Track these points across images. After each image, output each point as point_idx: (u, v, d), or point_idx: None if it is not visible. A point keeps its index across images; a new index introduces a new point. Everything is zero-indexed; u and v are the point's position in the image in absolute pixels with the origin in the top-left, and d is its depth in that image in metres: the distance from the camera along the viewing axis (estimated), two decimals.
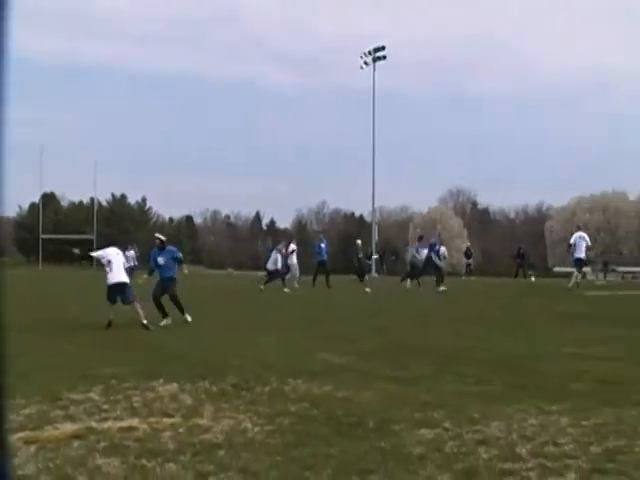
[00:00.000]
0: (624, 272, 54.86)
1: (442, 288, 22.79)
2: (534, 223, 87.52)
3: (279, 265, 25.13)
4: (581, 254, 22.95)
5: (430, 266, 24.71)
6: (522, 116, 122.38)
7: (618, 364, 7.96)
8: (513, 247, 43.43)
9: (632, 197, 79.45)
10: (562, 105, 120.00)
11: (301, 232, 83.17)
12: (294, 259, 27.64)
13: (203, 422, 5.35)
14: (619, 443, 4.64)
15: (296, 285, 26.01)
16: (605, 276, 50.13)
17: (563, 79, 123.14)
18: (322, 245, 27.75)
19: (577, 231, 23.87)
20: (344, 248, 57.15)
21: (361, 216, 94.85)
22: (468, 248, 44.13)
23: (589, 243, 23.77)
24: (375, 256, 43.86)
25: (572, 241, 23.23)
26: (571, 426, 5.10)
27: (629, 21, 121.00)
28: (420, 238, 28.36)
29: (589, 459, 4.31)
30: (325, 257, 27.63)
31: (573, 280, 23.08)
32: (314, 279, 26.88)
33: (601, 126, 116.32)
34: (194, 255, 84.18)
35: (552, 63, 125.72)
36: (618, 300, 20.02)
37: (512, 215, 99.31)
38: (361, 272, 29.07)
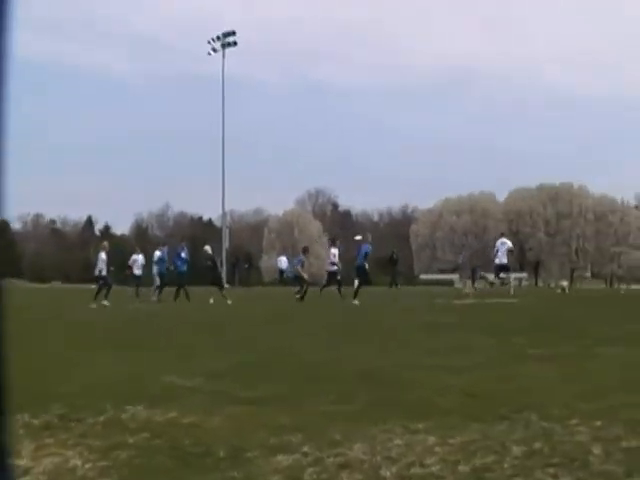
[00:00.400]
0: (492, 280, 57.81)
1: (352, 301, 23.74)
2: (399, 226, 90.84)
3: (104, 272, 25.54)
4: (503, 260, 25.36)
5: (362, 273, 25.40)
6: (385, 112, 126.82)
7: (486, 376, 8.38)
8: (378, 252, 44.66)
9: (501, 198, 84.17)
10: (426, 102, 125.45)
11: (141, 238, 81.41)
12: (156, 269, 28.17)
13: (21, 462, 5.08)
14: (487, 460, 4.88)
15: (154, 298, 26.70)
16: (473, 283, 52.64)
17: (427, 76, 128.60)
18: (182, 254, 27.61)
19: (500, 237, 26.54)
20: (191, 256, 56.45)
21: (210, 220, 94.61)
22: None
23: (510, 246, 26.72)
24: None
25: (495, 248, 26.46)
26: (438, 445, 5.30)
27: (495, 22, 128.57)
28: (304, 250, 29.16)
29: (456, 479, 4.51)
30: (185, 268, 27.58)
31: (511, 286, 26.13)
32: (176, 294, 27.00)
33: (469, 125, 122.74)
34: (11, 267, 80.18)
35: (411, 57, 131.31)
36: (487, 309, 21.13)
37: (376, 218, 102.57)
38: (215, 281, 28.59)
